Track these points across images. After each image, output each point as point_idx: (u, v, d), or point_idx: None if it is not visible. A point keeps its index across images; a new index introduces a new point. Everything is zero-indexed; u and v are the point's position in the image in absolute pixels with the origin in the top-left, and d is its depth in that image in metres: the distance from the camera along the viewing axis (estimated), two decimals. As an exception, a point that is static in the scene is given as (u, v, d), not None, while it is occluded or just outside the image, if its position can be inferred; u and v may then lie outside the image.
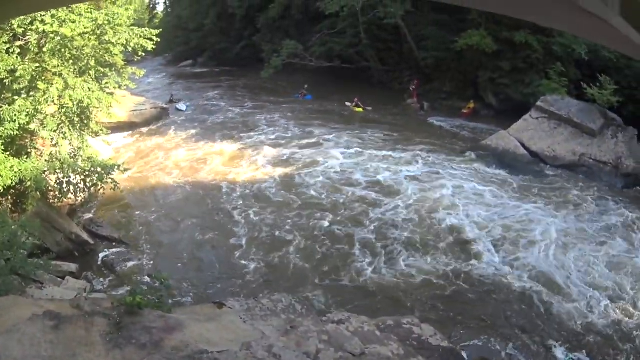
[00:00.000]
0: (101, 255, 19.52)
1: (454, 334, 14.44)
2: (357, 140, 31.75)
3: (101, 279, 17.91)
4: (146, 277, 17.33)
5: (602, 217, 21.85)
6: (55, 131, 18.92)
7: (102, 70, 20.65)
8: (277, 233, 20.74)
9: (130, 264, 18.90)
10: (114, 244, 20.37)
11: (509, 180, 25.30)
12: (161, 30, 23.38)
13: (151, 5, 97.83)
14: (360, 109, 39.43)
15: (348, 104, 40.41)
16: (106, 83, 21.22)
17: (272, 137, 33.32)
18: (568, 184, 25.08)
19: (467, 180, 25.16)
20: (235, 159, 29.29)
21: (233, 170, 27.50)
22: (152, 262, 18.97)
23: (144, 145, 32.80)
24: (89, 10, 17.99)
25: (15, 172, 16.65)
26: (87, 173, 19.86)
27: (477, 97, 38.83)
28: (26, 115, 17.09)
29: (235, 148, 31.10)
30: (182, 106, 43.43)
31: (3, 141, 16.89)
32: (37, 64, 17.96)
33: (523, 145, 29.01)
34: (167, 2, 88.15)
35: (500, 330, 14.92)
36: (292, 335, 10.11)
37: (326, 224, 21.32)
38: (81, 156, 20.01)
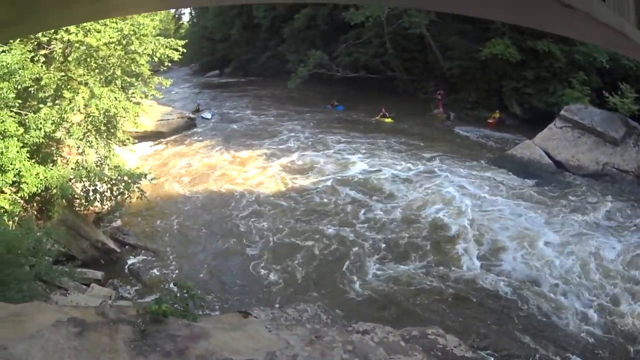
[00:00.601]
0: (127, 263, 19.64)
1: (475, 344, 14.30)
2: (382, 150, 31.66)
3: (127, 287, 18.02)
4: (172, 285, 17.33)
5: (622, 224, 21.55)
6: (81, 139, 19.05)
7: (129, 79, 20.86)
8: (299, 241, 20.72)
9: (155, 272, 19.02)
10: (140, 252, 20.49)
11: (531, 190, 24.88)
12: (187, 40, 23.47)
13: (177, 16, 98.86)
14: (389, 120, 39.17)
15: (374, 119, 40.03)
16: (133, 93, 21.39)
17: (297, 146, 33.43)
18: (590, 193, 24.63)
19: (490, 190, 24.83)
20: (260, 168, 29.35)
21: (257, 179, 27.56)
22: (177, 271, 19.04)
23: (170, 154, 33.07)
24: (114, 20, 18.13)
25: (40, 180, 16.78)
26: (113, 181, 19.95)
27: (502, 106, 38.45)
28: (52, 124, 17.22)
29: (260, 158, 31.20)
30: (207, 114, 44.15)
31: (29, 149, 17.01)
32: (63, 73, 18.14)
33: (548, 154, 28.72)
34: (193, 13, 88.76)
35: (521, 340, 14.65)
36: (317, 345, 10.03)
37: (346, 232, 21.28)
38: (108, 165, 20.15)
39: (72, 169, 19.25)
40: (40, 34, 17.47)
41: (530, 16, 4.04)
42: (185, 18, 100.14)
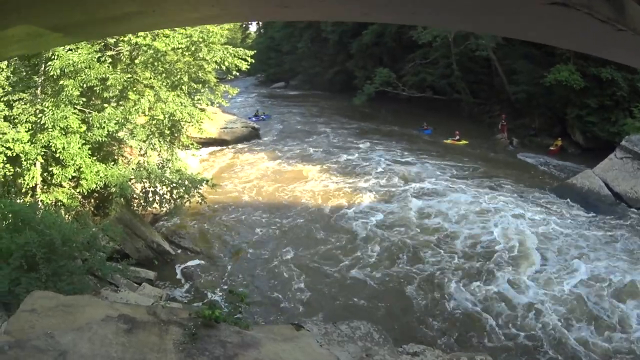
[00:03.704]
0: (180, 266, 19.85)
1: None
2: (448, 173, 31.43)
3: (178, 289, 18.20)
4: (224, 291, 17.45)
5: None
6: (144, 141, 19.39)
7: (195, 86, 21.10)
8: (356, 258, 20.46)
9: (208, 277, 19.16)
10: (194, 256, 20.68)
11: (587, 221, 24.18)
12: (255, 51, 23.60)
13: (244, 25, 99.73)
14: (462, 142, 38.68)
15: (448, 141, 39.43)
16: (199, 99, 21.66)
17: (358, 162, 33.40)
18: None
19: (546, 217, 24.25)
20: (321, 182, 29.45)
21: (317, 193, 27.57)
22: (230, 278, 19.09)
23: (232, 162, 33.59)
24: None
25: (100, 177, 17.22)
26: (174, 185, 20.20)
27: (564, 134, 37.81)
28: (115, 123, 17.50)
29: (323, 172, 31.35)
30: (263, 117, 46.54)
31: (90, 146, 17.48)
32: (129, 75, 18.49)
33: (607, 185, 27.81)
34: (260, 24, 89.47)
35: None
36: (367, 363, 10.05)
37: (407, 252, 20.93)
38: (169, 168, 20.43)
39: (132, 169, 19.64)
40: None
41: (595, 45, 3.95)
42: (253, 28, 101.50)
